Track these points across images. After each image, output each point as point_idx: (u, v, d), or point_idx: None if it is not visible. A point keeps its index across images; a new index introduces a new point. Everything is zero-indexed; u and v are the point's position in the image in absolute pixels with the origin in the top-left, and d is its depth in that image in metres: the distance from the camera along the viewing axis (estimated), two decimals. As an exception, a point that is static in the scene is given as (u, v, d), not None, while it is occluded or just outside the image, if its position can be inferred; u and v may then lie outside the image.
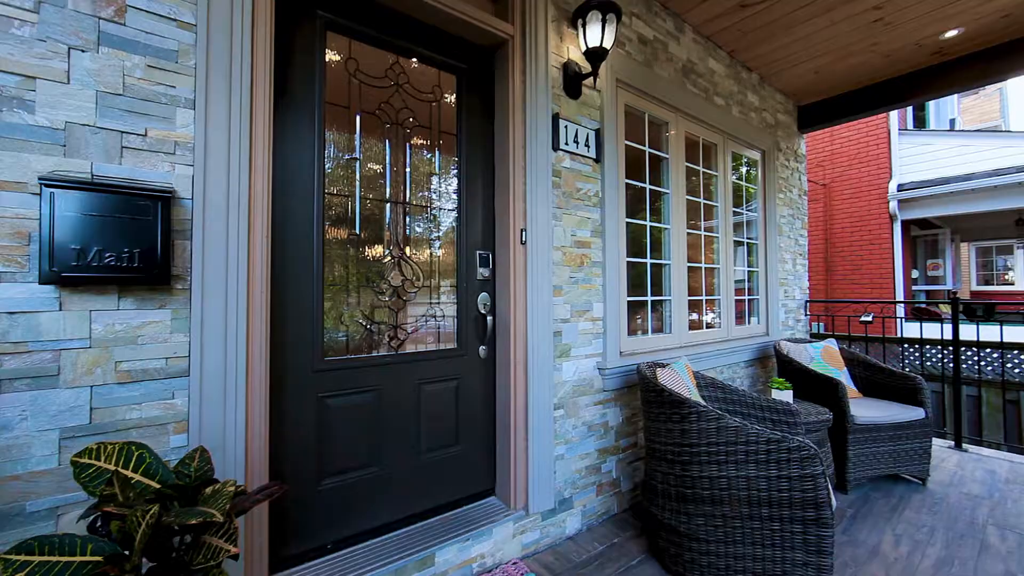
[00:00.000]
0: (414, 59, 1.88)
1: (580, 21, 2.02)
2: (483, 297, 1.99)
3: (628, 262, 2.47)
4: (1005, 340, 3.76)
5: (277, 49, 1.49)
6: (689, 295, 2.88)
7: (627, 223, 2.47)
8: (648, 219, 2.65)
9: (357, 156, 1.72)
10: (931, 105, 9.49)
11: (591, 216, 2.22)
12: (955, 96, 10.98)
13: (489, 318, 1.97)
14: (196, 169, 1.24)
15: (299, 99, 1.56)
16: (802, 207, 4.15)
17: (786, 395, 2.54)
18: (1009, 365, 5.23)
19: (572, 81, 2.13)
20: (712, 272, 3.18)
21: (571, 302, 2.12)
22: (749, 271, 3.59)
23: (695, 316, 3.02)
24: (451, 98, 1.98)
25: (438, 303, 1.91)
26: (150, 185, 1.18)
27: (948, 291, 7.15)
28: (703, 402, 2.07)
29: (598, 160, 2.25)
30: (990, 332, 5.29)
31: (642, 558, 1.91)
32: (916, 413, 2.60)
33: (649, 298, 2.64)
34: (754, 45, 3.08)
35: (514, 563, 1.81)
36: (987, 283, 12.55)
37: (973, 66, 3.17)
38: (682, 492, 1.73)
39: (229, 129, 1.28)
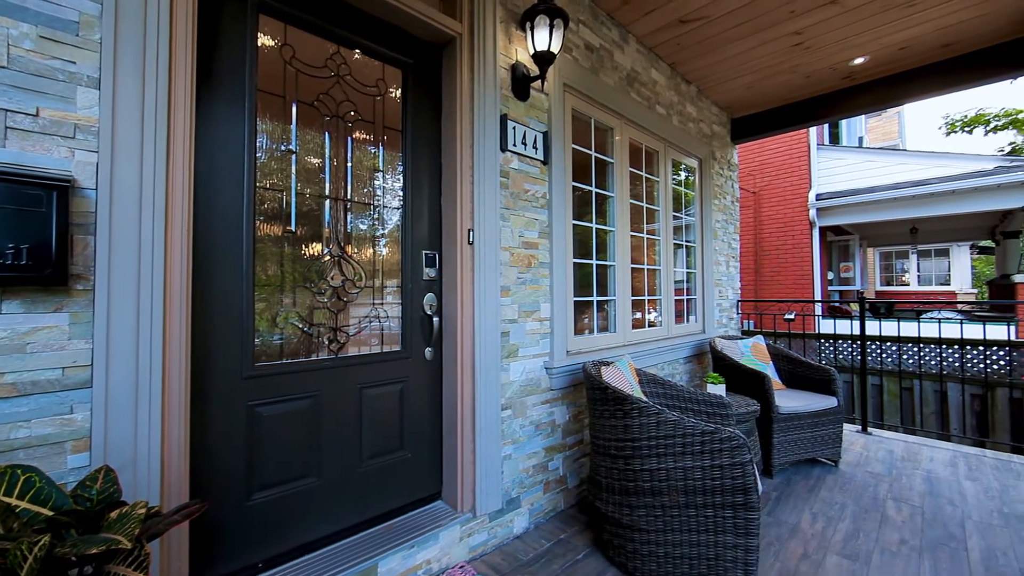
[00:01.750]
0: (357, 50, 1.80)
1: (528, 24, 2.03)
2: (429, 298, 1.95)
3: (575, 263, 2.53)
4: (902, 335, 4.24)
5: (201, 28, 1.37)
6: (633, 295, 2.99)
7: (574, 225, 2.52)
8: (594, 221, 2.72)
9: (293, 148, 1.62)
10: (843, 124, 10.54)
11: (539, 217, 2.24)
12: (863, 116, 12.29)
13: (436, 319, 1.93)
14: (102, 156, 1.11)
15: (227, 84, 1.44)
16: (735, 213, 4.45)
17: (719, 389, 2.70)
18: (905, 356, 5.92)
19: (520, 83, 2.14)
20: (654, 273, 3.32)
21: (519, 302, 2.13)
22: (688, 272, 3.79)
23: (638, 315, 3.15)
24: (396, 93, 1.92)
25: (382, 304, 1.85)
26: (43, 172, 1.04)
27: (857, 291, 7.97)
28: (645, 398, 2.16)
29: (546, 162, 2.28)
30: (890, 328, 5.97)
31: (587, 551, 1.96)
32: (830, 402, 2.87)
33: (595, 298, 2.71)
34: (693, 59, 3.26)
35: (461, 567, 1.79)
36: (888, 284, 14.22)
37: (876, 90, 3.56)
38: (625, 485, 1.79)
39: (143, 112, 1.16)
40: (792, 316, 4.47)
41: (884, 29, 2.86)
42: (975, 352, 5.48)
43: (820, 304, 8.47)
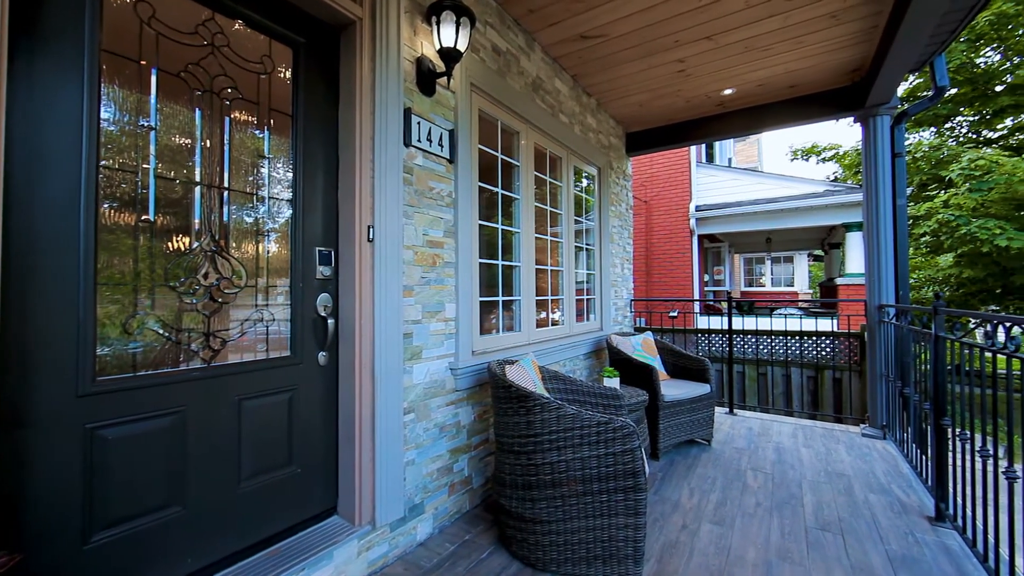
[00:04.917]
0: (238, 21, 1.60)
1: (435, 19, 1.99)
2: (323, 298, 1.81)
3: (481, 263, 2.54)
4: (759, 328, 4.99)
5: (17, -35, 1.10)
6: (537, 295, 3.10)
7: (480, 225, 2.53)
8: (500, 222, 2.76)
9: (152, 124, 1.39)
10: (717, 145, 12.10)
11: (444, 216, 2.21)
12: (732, 140, 14.25)
13: (330, 321, 1.80)
14: None
15: (60, 38, 1.18)
16: (629, 220, 4.84)
17: (614, 382, 2.91)
18: (761, 347, 6.97)
19: (426, 78, 2.09)
20: (557, 274, 3.48)
21: (423, 303, 2.07)
22: (588, 273, 4.04)
23: (543, 314, 3.27)
24: (286, 73, 1.75)
25: (267, 306, 1.66)
26: None
27: (727, 292, 9.21)
28: (547, 394, 2.24)
29: (452, 161, 2.26)
30: (752, 322, 6.98)
31: (492, 549, 1.97)
32: (705, 389, 3.26)
33: (501, 298, 2.75)
34: (593, 73, 3.47)
35: (359, 584, 1.69)
36: (750, 285, 16.71)
37: (741, 118, 4.13)
38: (528, 480, 1.84)
39: (-79, 60, 0.90)
40: (675, 314, 5.00)
41: (746, 67, 3.33)
42: (810, 341, 6.66)
43: (698, 303, 9.62)
